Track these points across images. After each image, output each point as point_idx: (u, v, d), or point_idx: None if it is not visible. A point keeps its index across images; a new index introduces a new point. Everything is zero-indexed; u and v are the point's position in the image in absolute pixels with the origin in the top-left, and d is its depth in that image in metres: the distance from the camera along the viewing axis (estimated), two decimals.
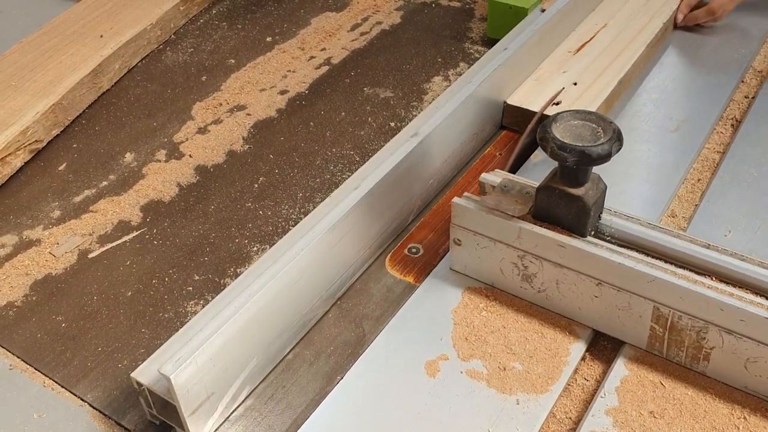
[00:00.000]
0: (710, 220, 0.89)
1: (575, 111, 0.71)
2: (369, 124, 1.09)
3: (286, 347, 0.76)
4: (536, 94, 1.04)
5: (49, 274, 0.88)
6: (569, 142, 0.67)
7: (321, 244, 0.76)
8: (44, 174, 1.03)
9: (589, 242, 0.72)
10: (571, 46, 1.16)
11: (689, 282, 0.68)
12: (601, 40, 1.17)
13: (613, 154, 0.67)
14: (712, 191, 0.93)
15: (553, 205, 0.72)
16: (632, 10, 1.23)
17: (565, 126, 0.70)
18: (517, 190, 0.77)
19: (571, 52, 1.14)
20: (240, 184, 0.99)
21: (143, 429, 0.71)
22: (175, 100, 1.16)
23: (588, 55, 1.13)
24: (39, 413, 0.73)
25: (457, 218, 0.78)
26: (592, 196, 0.71)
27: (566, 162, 0.68)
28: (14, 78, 1.13)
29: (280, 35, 1.30)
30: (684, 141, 1.01)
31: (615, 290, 0.72)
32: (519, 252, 0.76)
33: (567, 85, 1.06)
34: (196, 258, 0.89)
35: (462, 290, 0.81)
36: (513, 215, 0.74)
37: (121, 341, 0.79)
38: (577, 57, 1.13)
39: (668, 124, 1.04)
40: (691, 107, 1.08)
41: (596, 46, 1.16)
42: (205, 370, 0.66)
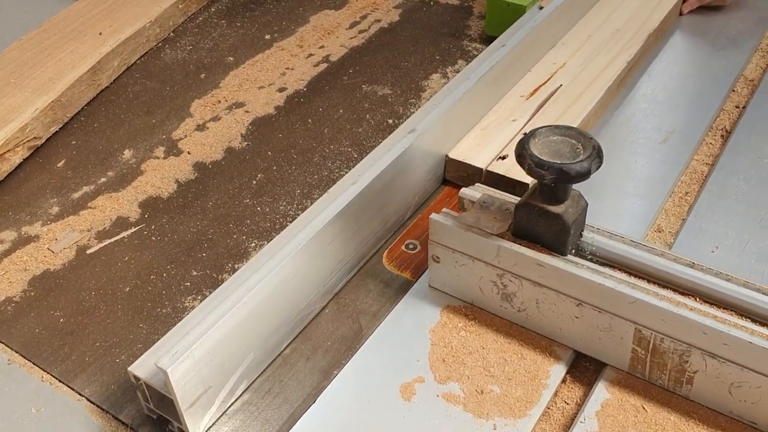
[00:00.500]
0: (697, 235, 0.87)
1: (554, 126, 0.69)
2: (367, 122, 1.09)
3: (284, 342, 0.77)
4: (481, 147, 0.95)
5: (48, 269, 0.88)
6: (547, 158, 0.65)
7: (318, 239, 0.76)
8: (43, 171, 1.03)
9: (569, 261, 0.70)
10: (525, 89, 1.06)
11: (671, 304, 0.66)
12: (559, 81, 1.07)
13: (592, 171, 0.65)
14: (699, 205, 0.91)
15: (533, 223, 0.70)
16: (600, 41, 1.14)
17: (544, 142, 0.68)
18: (497, 207, 0.75)
19: (523, 96, 1.04)
20: (238, 181, 0.99)
21: (141, 423, 0.71)
22: (174, 98, 1.16)
23: (541, 99, 1.03)
24: (37, 407, 0.73)
25: (435, 235, 0.76)
26: (572, 214, 0.69)
27: (544, 180, 0.66)
28: (14, 75, 1.14)
29: (279, 33, 1.30)
30: (672, 153, 0.99)
31: (596, 311, 0.70)
32: (498, 270, 0.74)
33: (516, 135, 0.97)
34: (194, 254, 0.89)
35: (440, 309, 0.78)
36: (491, 233, 0.72)
37: (118, 336, 0.80)
38: (530, 102, 1.03)
39: (657, 135, 1.02)
40: (680, 117, 1.05)
41: (552, 87, 1.06)
42: (202, 364, 0.66)
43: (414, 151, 0.87)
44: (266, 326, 0.73)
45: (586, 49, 1.13)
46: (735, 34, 1.22)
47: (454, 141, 0.96)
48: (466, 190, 0.78)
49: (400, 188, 0.88)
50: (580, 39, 1.16)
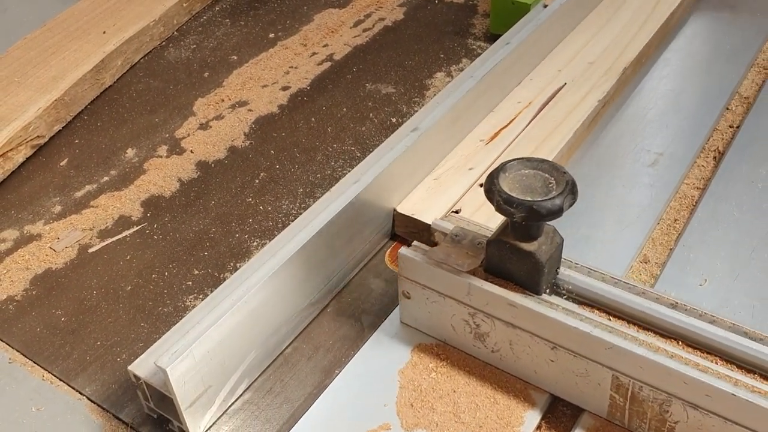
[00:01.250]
0: (685, 266, 0.82)
1: (527, 159, 0.65)
2: (370, 120, 1.08)
3: (285, 341, 0.76)
4: (433, 200, 0.88)
5: (50, 268, 0.88)
6: (517, 195, 0.61)
7: (320, 238, 0.76)
8: (46, 169, 1.03)
9: (542, 302, 0.66)
10: (485, 132, 0.97)
11: (650, 350, 0.62)
12: (523, 122, 0.98)
13: (565, 209, 0.61)
14: (688, 234, 0.86)
15: (505, 260, 0.66)
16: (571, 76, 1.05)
17: (515, 176, 0.64)
18: (469, 240, 0.70)
19: (483, 140, 0.95)
20: (241, 180, 0.99)
21: (141, 422, 0.71)
22: (177, 96, 1.16)
23: (502, 145, 0.95)
24: (38, 406, 0.73)
25: (405, 270, 0.72)
26: (545, 251, 0.64)
27: (513, 218, 0.62)
28: (17, 74, 1.14)
29: (283, 31, 1.30)
30: (661, 176, 0.93)
31: (571, 355, 0.65)
32: (470, 309, 0.69)
33: (473, 186, 0.89)
34: (196, 253, 0.89)
35: (411, 347, 0.74)
36: (462, 270, 0.67)
37: (120, 335, 0.79)
38: (490, 147, 0.94)
39: (645, 158, 0.96)
40: (671, 138, 0.99)
41: (515, 131, 0.97)
42: (203, 363, 0.66)
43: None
44: (267, 325, 0.73)
45: (554, 85, 1.05)
46: (730, 49, 1.16)
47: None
48: (438, 222, 0.75)
49: (403, 187, 0.87)
50: (549, 74, 1.07)
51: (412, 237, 0.85)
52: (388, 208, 0.86)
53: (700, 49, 1.18)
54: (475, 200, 0.87)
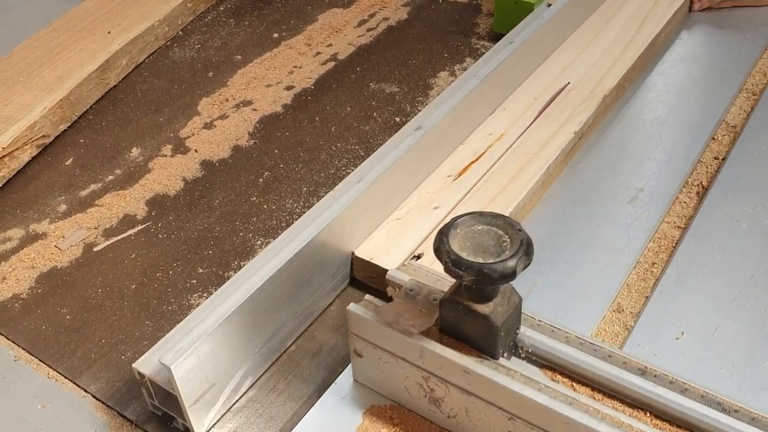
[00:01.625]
0: (661, 317, 0.76)
1: (479, 214, 0.60)
2: (374, 119, 1.09)
3: (289, 339, 0.76)
4: (394, 242, 0.82)
5: (55, 267, 0.88)
6: (467, 255, 0.56)
7: (323, 236, 0.76)
8: (51, 168, 1.03)
9: (499, 367, 0.61)
10: (452, 167, 0.91)
11: (613, 426, 0.57)
12: (494, 156, 0.92)
13: (518, 272, 0.56)
14: (666, 279, 0.80)
15: (459, 322, 0.61)
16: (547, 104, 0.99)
17: (467, 233, 0.59)
18: (424, 296, 0.64)
19: (450, 176, 0.89)
20: (245, 179, 0.99)
21: (145, 420, 0.71)
22: (182, 96, 1.16)
23: (471, 181, 0.89)
24: (43, 404, 0.74)
25: (355, 328, 0.66)
26: (501, 313, 0.59)
27: (463, 281, 0.57)
28: (23, 74, 1.14)
29: (287, 31, 1.30)
30: (640, 214, 0.87)
31: (529, 427, 0.60)
32: (423, 372, 0.64)
33: (437, 227, 0.82)
34: (200, 251, 0.89)
35: (364, 410, 0.68)
36: (413, 332, 0.62)
37: (124, 333, 0.80)
38: (457, 184, 0.88)
39: (624, 194, 0.90)
40: (651, 172, 0.93)
41: (485, 165, 0.91)
42: (207, 360, 0.66)
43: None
44: (271, 323, 0.73)
45: (529, 114, 0.99)
46: (719, 72, 1.10)
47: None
48: (393, 273, 0.71)
49: (406, 187, 0.87)
50: (524, 102, 1.01)
51: (372, 282, 0.80)
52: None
53: (687, 72, 1.11)
54: None
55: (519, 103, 1.01)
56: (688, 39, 1.19)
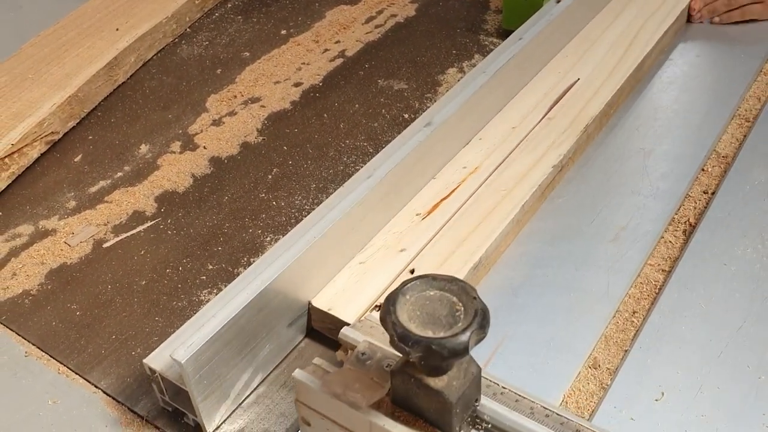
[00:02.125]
0: (641, 374, 0.70)
1: (432, 277, 0.54)
2: (383, 116, 1.08)
3: (299, 335, 0.76)
4: (355, 290, 0.75)
5: (65, 263, 0.88)
6: (415, 328, 0.51)
7: (333, 233, 0.76)
8: (60, 165, 1.03)
9: None
10: (422, 204, 0.85)
11: None
12: (466, 192, 0.86)
13: (471, 347, 0.50)
14: (647, 331, 0.73)
15: (411, 395, 0.55)
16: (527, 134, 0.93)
17: (417, 299, 0.53)
18: (377, 361, 0.58)
19: (419, 215, 0.83)
20: (254, 175, 0.99)
21: (156, 415, 0.71)
22: (190, 93, 1.16)
23: (441, 220, 0.82)
24: (53, 399, 0.74)
25: (301, 395, 0.61)
26: (457, 387, 0.53)
27: (410, 357, 0.51)
28: (31, 71, 1.14)
29: (295, 28, 1.30)
30: (622, 256, 0.81)
31: None
32: None
33: (402, 272, 0.77)
34: (209, 248, 0.89)
35: None
36: (360, 406, 0.56)
37: (134, 329, 0.80)
38: (426, 223, 0.82)
39: (605, 232, 0.84)
40: (636, 207, 0.86)
41: (457, 202, 0.84)
42: (217, 356, 0.66)
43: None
44: (281, 319, 0.73)
45: (508, 144, 0.92)
46: (711, 96, 1.03)
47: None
48: (347, 332, 0.64)
49: (416, 182, 0.87)
50: (502, 131, 0.95)
51: (332, 334, 0.73)
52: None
53: (677, 96, 1.04)
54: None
55: (496, 132, 0.95)
56: (678, 59, 1.12)
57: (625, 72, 1.03)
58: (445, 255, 0.78)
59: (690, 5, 1.16)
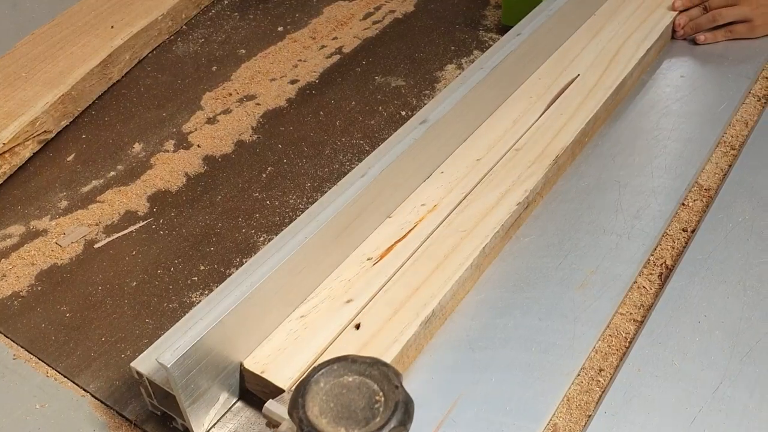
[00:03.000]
0: None
1: (351, 360, 0.49)
2: (379, 113, 1.07)
3: None
4: (294, 349, 0.68)
5: (55, 264, 0.87)
6: (326, 425, 0.45)
7: (326, 232, 0.74)
8: (52, 164, 1.02)
9: None
10: (375, 247, 0.77)
11: None
12: (423, 233, 0.78)
13: None
14: (614, 393, 0.66)
15: None
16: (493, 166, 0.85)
17: (332, 388, 0.47)
18: None
19: (371, 259, 0.76)
20: (248, 174, 0.98)
21: (145, 420, 0.70)
22: (185, 91, 1.15)
23: (394, 265, 0.75)
24: (41, 403, 0.73)
25: None
26: None
27: None
28: (24, 69, 1.13)
29: (292, 25, 1.29)
30: (590, 305, 0.73)
31: None
32: None
33: (347, 327, 0.70)
34: (202, 248, 0.88)
35: None
36: None
37: (124, 332, 0.79)
38: (377, 270, 0.75)
39: (573, 277, 0.76)
40: (607, 249, 0.79)
41: (413, 244, 0.77)
42: (206, 360, 0.64)
43: (422, 143, 0.75)
44: (271, 321, 0.71)
45: (471, 178, 0.85)
46: (695, 121, 0.94)
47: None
48: (272, 406, 0.58)
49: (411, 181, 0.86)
50: (466, 164, 0.87)
51: (266, 397, 0.63)
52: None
53: (657, 121, 0.95)
54: (346, 350, 0.67)
55: (459, 165, 0.88)
56: (661, 80, 1.03)
57: (602, 96, 0.95)
58: (396, 306, 0.71)
59: (674, 22, 1.10)
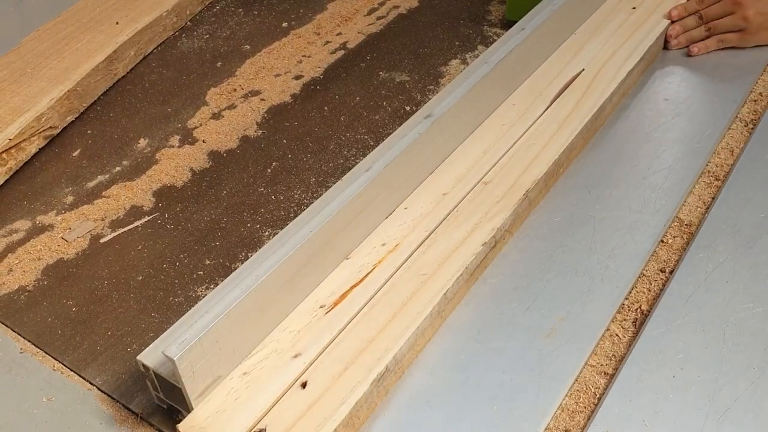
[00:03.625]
0: None
1: None
2: (384, 108, 1.07)
3: None
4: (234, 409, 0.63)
5: (61, 258, 0.87)
6: None
7: (330, 226, 0.75)
8: (58, 160, 1.03)
9: None
10: (329, 293, 0.72)
11: None
12: (381, 276, 0.73)
13: None
14: None
15: None
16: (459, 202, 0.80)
17: None
18: None
19: (324, 307, 0.70)
20: (253, 169, 0.98)
21: (151, 412, 0.70)
22: (190, 86, 1.15)
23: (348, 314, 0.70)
24: (48, 396, 0.73)
25: None
26: None
27: None
28: (30, 65, 1.13)
29: (296, 20, 1.29)
30: (557, 357, 0.68)
31: None
32: None
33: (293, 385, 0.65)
34: (207, 243, 0.88)
35: None
36: None
37: (130, 325, 0.79)
38: (330, 318, 0.69)
39: (540, 325, 0.70)
40: (579, 293, 0.72)
41: (369, 289, 0.72)
42: (211, 352, 0.65)
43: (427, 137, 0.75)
44: (276, 314, 0.72)
45: (435, 215, 0.79)
46: (678, 149, 0.87)
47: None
48: None
49: (415, 174, 0.86)
50: (432, 198, 0.81)
51: None
52: None
53: (636, 149, 0.88)
54: (290, 411, 0.62)
55: (424, 200, 0.82)
56: (644, 103, 0.96)
57: (578, 124, 0.89)
58: (348, 360, 0.66)
59: (667, 33, 1.06)
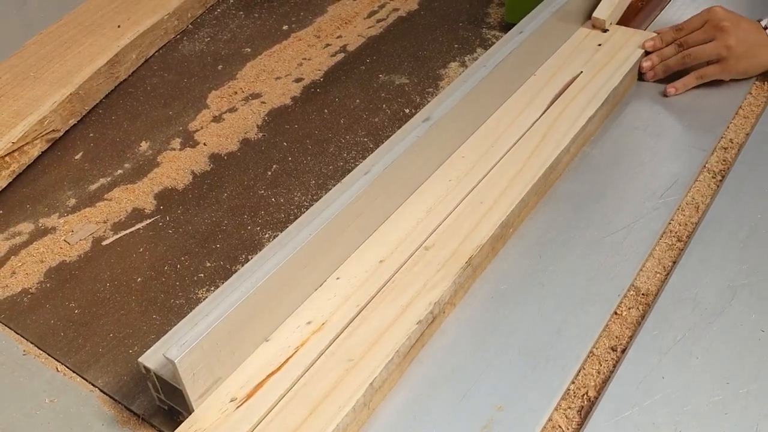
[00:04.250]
0: None
1: None
2: (383, 111, 1.08)
3: None
4: None
5: (64, 261, 0.88)
6: None
7: (330, 229, 0.75)
8: (61, 163, 1.03)
9: None
10: (241, 384, 0.65)
11: None
12: (302, 362, 0.66)
13: None
14: None
15: None
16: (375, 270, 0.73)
17: None
18: None
19: (235, 400, 0.64)
20: (253, 172, 0.99)
21: (152, 414, 0.71)
22: (191, 89, 1.16)
23: (261, 409, 0.63)
24: (51, 398, 0.74)
25: None
26: None
27: None
28: (33, 69, 1.14)
29: (297, 23, 1.30)
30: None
31: None
32: None
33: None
34: (208, 245, 0.89)
35: None
36: None
37: (132, 327, 0.80)
38: (243, 411, 0.63)
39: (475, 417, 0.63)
40: (516, 379, 0.64)
41: (287, 378, 0.65)
42: (212, 354, 0.66)
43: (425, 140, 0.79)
44: (277, 316, 0.72)
45: (368, 287, 0.72)
46: (636, 213, 0.79)
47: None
48: None
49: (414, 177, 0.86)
50: (366, 267, 0.74)
51: None
52: None
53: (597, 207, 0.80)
54: None
55: (357, 269, 0.75)
56: (604, 153, 0.86)
57: (530, 180, 0.81)
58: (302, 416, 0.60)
59: (642, 64, 1.01)
